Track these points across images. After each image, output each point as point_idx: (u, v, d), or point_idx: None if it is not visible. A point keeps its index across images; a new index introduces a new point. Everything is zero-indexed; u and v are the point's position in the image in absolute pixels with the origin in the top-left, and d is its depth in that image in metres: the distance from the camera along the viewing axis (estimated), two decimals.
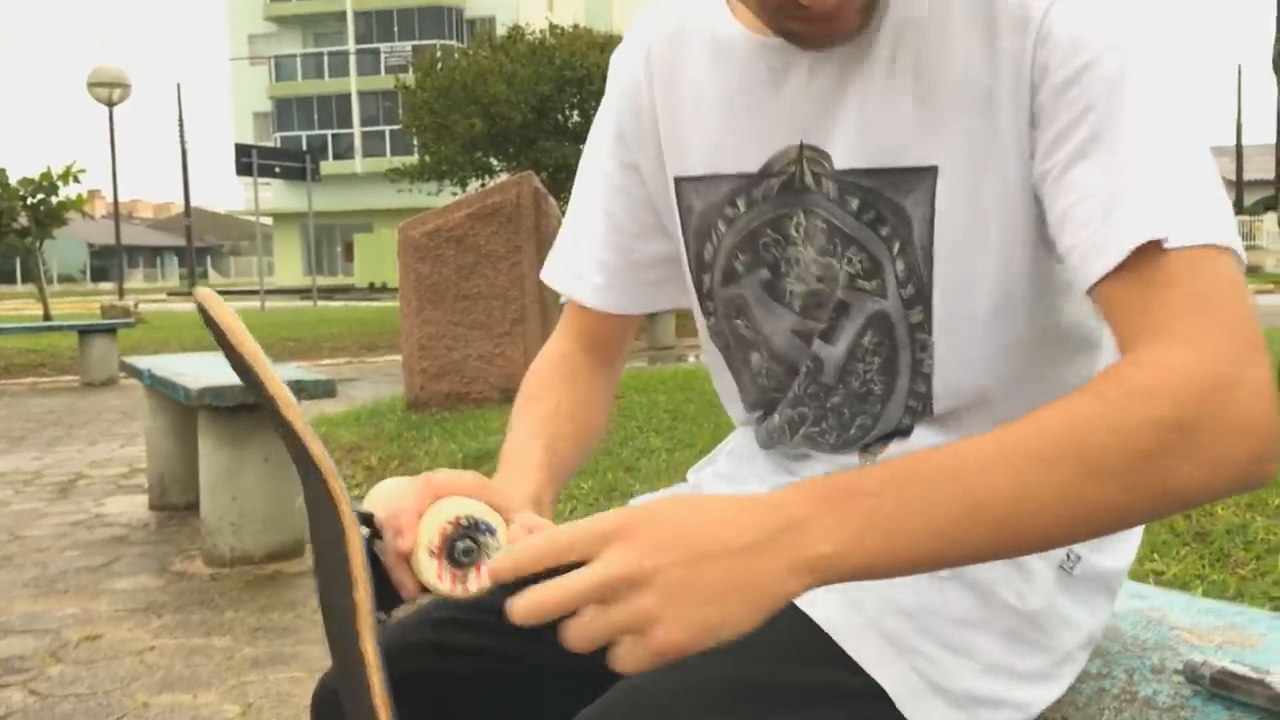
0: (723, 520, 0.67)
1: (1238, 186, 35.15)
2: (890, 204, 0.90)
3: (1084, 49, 0.79)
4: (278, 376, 0.82)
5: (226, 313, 0.83)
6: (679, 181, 1.01)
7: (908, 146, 0.88)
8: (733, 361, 1.06)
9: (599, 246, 1.09)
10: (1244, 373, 0.69)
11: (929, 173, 0.88)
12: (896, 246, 0.90)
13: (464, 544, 0.82)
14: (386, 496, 0.85)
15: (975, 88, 0.85)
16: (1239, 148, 35.28)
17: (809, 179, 0.93)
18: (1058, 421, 0.69)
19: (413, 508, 0.83)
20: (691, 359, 9.93)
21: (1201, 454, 0.67)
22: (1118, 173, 0.76)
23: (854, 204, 0.91)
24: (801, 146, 0.93)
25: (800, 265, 0.95)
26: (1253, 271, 28.11)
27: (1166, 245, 0.73)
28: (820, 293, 0.95)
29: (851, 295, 0.93)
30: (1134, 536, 1.02)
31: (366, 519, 0.83)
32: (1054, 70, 0.80)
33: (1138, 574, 2.60)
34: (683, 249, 1.04)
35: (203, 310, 0.84)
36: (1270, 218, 28.59)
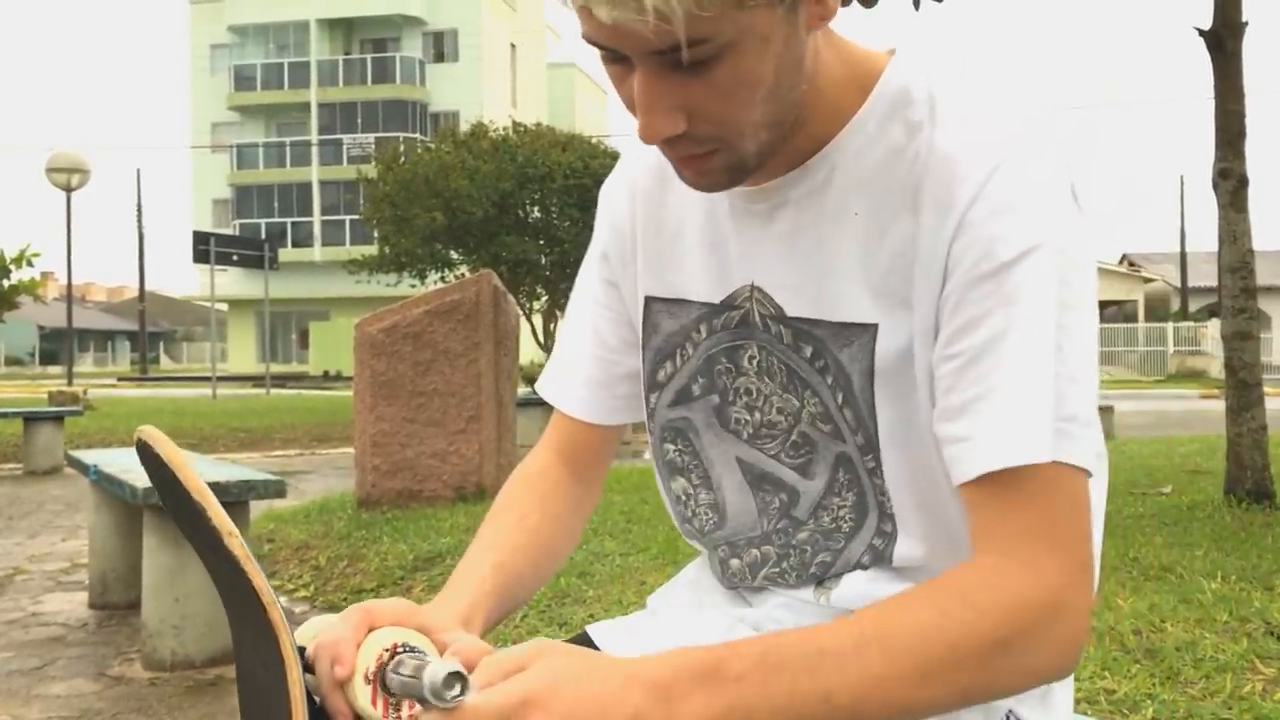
0: (612, 695, 0.74)
1: (1183, 293, 36.00)
2: (832, 355, 0.93)
3: (998, 249, 0.83)
4: (220, 507, 0.84)
5: (173, 451, 0.84)
6: (650, 300, 1.06)
7: (851, 302, 0.91)
8: (662, 483, 1.10)
9: (585, 360, 1.13)
10: (1071, 598, 0.80)
11: (868, 330, 0.91)
12: (840, 397, 0.93)
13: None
14: (318, 629, 0.87)
15: (904, 259, 0.88)
16: (1183, 255, 36.22)
17: (756, 318, 0.97)
18: (907, 629, 0.78)
19: (350, 637, 0.84)
20: (648, 455, 9.92)
21: (1021, 664, 0.79)
22: (997, 388, 0.83)
23: (807, 351, 0.94)
24: (752, 287, 0.97)
25: (751, 396, 0.98)
26: (1197, 376, 28.69)
27: (1023, 465, 0.81)
28: (777, 424, 0.98)
29: (815, 433, 0.96)
30: (1067, 693, 1.02)
31: (298, 652, 0.84)
32: (967, 265, 0.84)
33: (1089, 692, 2.60)
34: (640, 366, 1.08)
35: (144, 448, 0.85)
36: (1214, 324, 29.26)
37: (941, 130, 0.87)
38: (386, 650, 0.84)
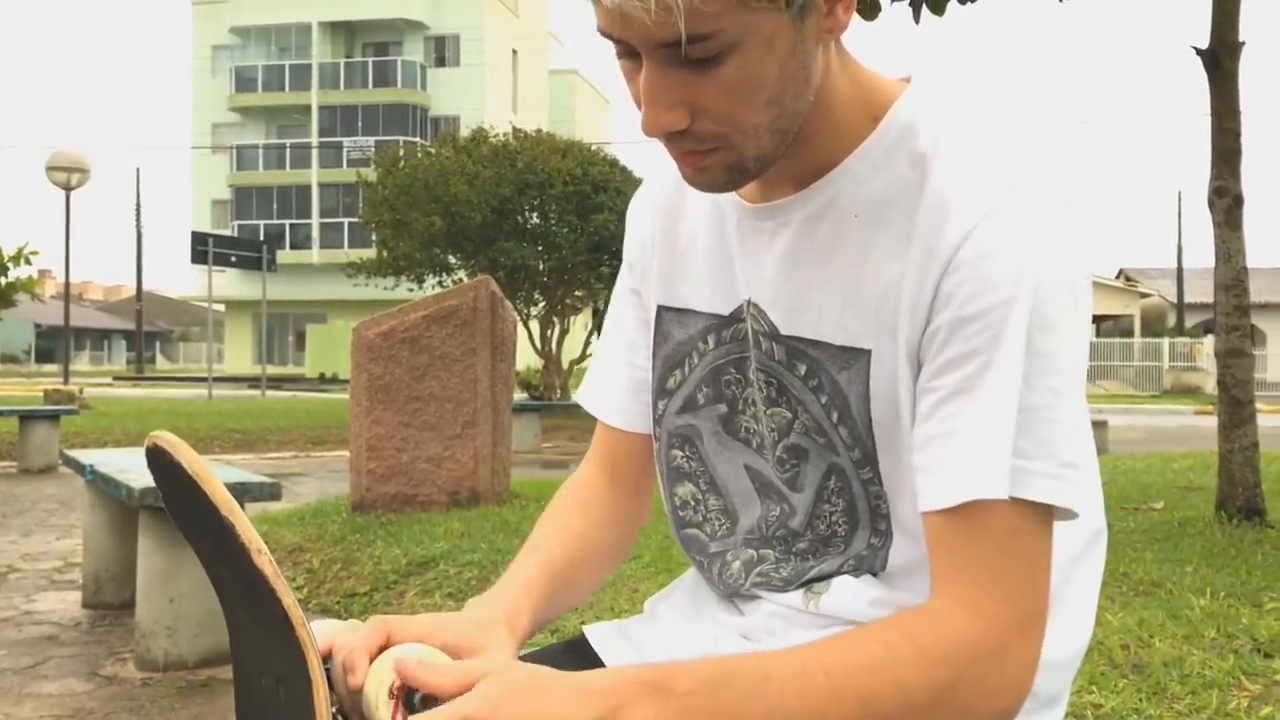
0: (560, 708, 0.77)
1: (1179, 309, 36.04)
2: (829, 376, 0.95)
3: (987, 292, 0.84)
4: (248, 523, 0.80)
5: (196, 461, 0.81)
6: (661, 309, 1.09)
7: (845, 326, 0.93)
8: (665, 490, 1.12)
9: (620, 367, 1.16)
10: (1014, 646, 0.82)
11: (863, 355, 0.93)
12: (835, 415, 0.95)
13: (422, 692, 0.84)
14: (329, 634, 0.88)
15: (894, 290, 0.90)
16: (1179, 271, 36.26)
17: (750, 335, 1.00)
18: (854, 662, 0.81)
19: (363, 645, 0.86)
20: None
21: (961, 707, 0.81)
22: (977, 423, 0.84)
23: (801, 369, 0.97)
24: (748, 303, 1.00)
25: (755, 406, 1.01)
26: (1192, 393, 28.69)
27: (978, 500, 0.83)
28: (772, 434, 1.01)
29: (807, 442, 0.98)
30: (1059, 709, 1.03)
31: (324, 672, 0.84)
32: (956, 303, 0.86)
33: (1077, 706, 2.61)
34: (649, 373, 1.11)
35: (160, 455, 0.82)
36: (1209, 340, 29.30)
37: (940, 170, 0.89)
38: None
